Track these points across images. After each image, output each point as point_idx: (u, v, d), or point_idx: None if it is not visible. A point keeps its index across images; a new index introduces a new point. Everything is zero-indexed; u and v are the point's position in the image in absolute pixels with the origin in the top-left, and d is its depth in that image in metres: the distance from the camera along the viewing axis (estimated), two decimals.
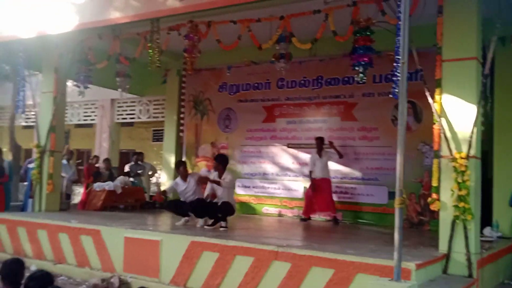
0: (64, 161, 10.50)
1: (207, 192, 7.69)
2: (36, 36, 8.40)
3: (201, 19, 7.74)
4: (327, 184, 9.17)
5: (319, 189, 9.15)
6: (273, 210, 10.29)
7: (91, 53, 9.28)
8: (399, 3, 5.34)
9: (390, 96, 6.19)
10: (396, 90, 5.56)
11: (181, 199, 7.95)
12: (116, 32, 8.50)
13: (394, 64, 5.59)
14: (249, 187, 10.71)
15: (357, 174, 9.50)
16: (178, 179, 8.06)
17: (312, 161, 9.29)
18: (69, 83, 9.98)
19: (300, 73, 10.14)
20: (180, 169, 8.05)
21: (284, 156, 10.34)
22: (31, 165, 10.20)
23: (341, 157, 9.21)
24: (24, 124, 16.33)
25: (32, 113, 12.45)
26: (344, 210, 9.48)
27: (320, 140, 9.29)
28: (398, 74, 4.47)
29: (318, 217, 9.53)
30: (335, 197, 9.38)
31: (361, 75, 6.90)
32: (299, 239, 7.01)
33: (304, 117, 10.22)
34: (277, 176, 10.41)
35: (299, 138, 10.21)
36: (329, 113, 9.93)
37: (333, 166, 9.36)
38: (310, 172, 9.30)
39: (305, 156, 9.86)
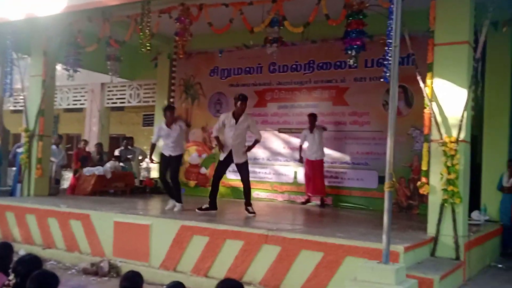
0: (53, 146, 10.42)
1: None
2: (25, 18, 8.25)
3: (192, 1, 7.66)
4: (319, 166, 9.17)
5: (312, 172, 9.17)
6: (263, 194, 10.31)
7: (81, 36, 9.17)
8: None
9: (382, 80, 6.20)
10: (388, 74, 5.55)
11: (163, 150, 7.70)
12: (106, 15, 8.38)
13: (386, 48, 5.57)
14: None
15: (347, 158, 9.54)
16: (163, 123, 7.69)
17: (303, 135, 9.31)
18: (59, 67, 9.87)
19: (292, 58, 10.10)
20: (167, 114, 7.64)
21: (275, 141, 10.33)
22: (19, 150, 10.11)
23: (324, 129, 9.28)
24: (12, 108, 16.15)
25: (21, 97, 12.29)
26: (334, 194, 9.54)
27: (312, 117, 9.28)
28: (390, 58, 4.44)
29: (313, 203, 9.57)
30: (325, 182, 9.42)
31: (353, 58, 6.88)
32: (289, 223, 7.03)
33: (295, 102, 10.20)
34: (268, 161, 10.41)
35: (290, 122, 10.20)
36: (321, 97, 9.92)
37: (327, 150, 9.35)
38: (300, 146, 9.33)
39: (296, 141, 9.85)
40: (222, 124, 7.35)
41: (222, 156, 7.39)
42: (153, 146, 7.84)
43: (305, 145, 9.31)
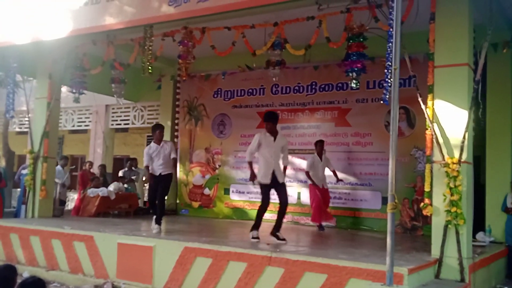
0: (59, 167, 10.47)
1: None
2: (31, 42, 8.39)
3: (195, 25, 7.77)
4: (328, 194, 9.11)
5: (323, 199, 9.02)
6: (267, 215, 10.25)
7: (86, 59, 9.32)
8: (391, 9, 5.41)
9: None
10: (387, 96, 5.60)
11: (154, 171, 7.65)
12: (110, 38, 8.51)
13: (386, 71, 5.63)
14: (243, 192, 10.71)
15: (351, 179, 9.53)
16: (152, 143, 7.77)
17: (311, 162, 8.99)
18: (64, 89, 9.98)
19: (294, 79, 10.19)
20: (156, 133, 7.73)
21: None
22: (24, 171, 10.16)
23: (337, 181, 9.06)
24: (18, 130, 16.30)
25: (26, 119, 12.41)
26: (338, 215, 9.50)
27: (321, 143, 9.08)
28: (389, 81, 4.49)
29: (310, 223, 9.51)
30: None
31: (354, 81, 6.95)
32: (292, 245, 7.00)
33: (298, 123, 10.25)
34: None
35: (293, 143, 10.21)
36: (323, 118, 9.97)
37: (326, 171, 9.33)
38: (308, 172, 9.02)
39: (299, 162, 9.89)
40: (258, 145, 6.91)
41: (264, 179, 6.82)
42: (147, 168, 7.69)
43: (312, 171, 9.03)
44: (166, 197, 7.97)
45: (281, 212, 6.94)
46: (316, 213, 8.95)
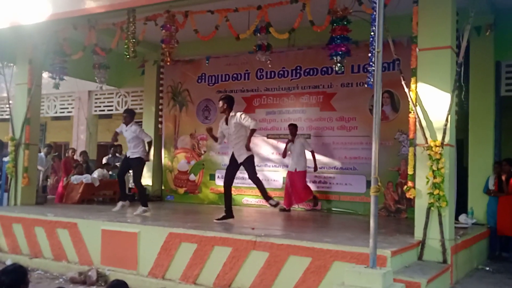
0: (41, 154, 10.34)
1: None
2: (10, 26, 8.22)
3: (178, 9, 7.65)
4: (300, 177, 9.21)
5: (293, 183, 9.23)
6: (253, 200, 10.31)
7: (66, 44, 9.15)
8: None
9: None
10: (371, 80, 5.58)
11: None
12: (92, 23, 8.36)
13: (369, 54, 5.60)
14: None
15: (336, 163, 9.56)
16: (122, 125, 8.34)
17: (285, 147, 9.41)
18: (45, 75, 9.81)
19: (279, 64, 10.12)
20: (124, 115, 8.37)
21: (264, 146, 10.34)
22: (6, 159, 10.01)
23: (315, 170, 9.26)
24: None
25: (7, 105, 12.20)
26: (323, 199, 9.56)
27: (291, 126, 9.38)
28: (373, 64, 4.47)
29: (298, 207, 9.59)
30: (313, 187, 9.48)
31: (339, 64, 6.92)
32: (277, 229, 7.04)
33: (283, 108, 10.22)
34: (257, 166, 10.29)
35: (278, 128, 10.22)
36: (308, 103, 9.96)
37: (311, 155, 9.36)
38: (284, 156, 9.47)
39: (284, 147, 9.88)
40: (221, 133, 7.31)
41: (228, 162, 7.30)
42: (115, 134, 8.38)
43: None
44: (139, 180, 8.26)
45: (257, 186, 7.21)
46: (284, 197, 9.37)
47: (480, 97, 8.33)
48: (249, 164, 7.10)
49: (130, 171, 8.76)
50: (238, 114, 7.08)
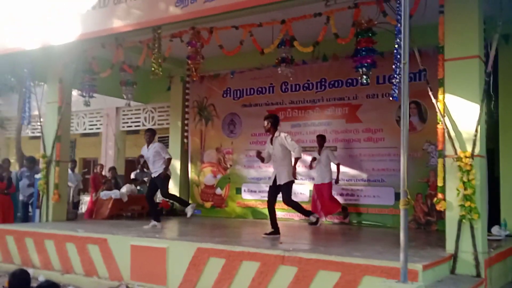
0: (70, 171, 10.54)
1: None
2: (40, 47, 8.45)
3: (203, 25, 7.77)
4: (326, 189, 9.18)
5: (320, 196, 9.21)
6: (280, 214, 10.24)
7: (95, 62, 9.37)
8: (399, 3, 5.35)
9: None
10: (396, 93, 5.54)
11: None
12: (119, 41, 8.55)
13: (394, 66, 5.57)
14: (255, 191, 10.70)
15: (363, 176, 9.47)
16: (144, 146, 8.48)
17: (313, 159, 9.40)
18: (75, 93, 10.05)
19: (303, 76, 10.14)
20: (145, 135, 8.50)
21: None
22: (37, 176, 10.24)
23: (336, 182, 9.23)
24: (30, 134, 16.44)
25: (38, 123, 12.52)
26: (351, 212, 9.46)
27: (321, 137, 9.39)
28: (397, 76, 4.43)
29: (325, 220, 9.51)
30: (341, 200, 9.40)
31: (365, 76, 6.88)
32: (305, 243, 6.99)
33: (308, 120, 10.21)
34: None
35: (304, 141, 10.18)
36: (334, 115, 9.92)
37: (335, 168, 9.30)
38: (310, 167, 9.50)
39: (310, 159, 9.84)
40: (267, 153, 7.34)
41: (271, 181, 7.34)
42: (139, 156, 9.02)
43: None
44: (167, 192, 8.58)
45: (294, 209, 7.52)
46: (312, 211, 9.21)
47: (510, 106, 8.15)
48: (287, 189, 7.18)
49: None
50: (283, 134, 7.13)
